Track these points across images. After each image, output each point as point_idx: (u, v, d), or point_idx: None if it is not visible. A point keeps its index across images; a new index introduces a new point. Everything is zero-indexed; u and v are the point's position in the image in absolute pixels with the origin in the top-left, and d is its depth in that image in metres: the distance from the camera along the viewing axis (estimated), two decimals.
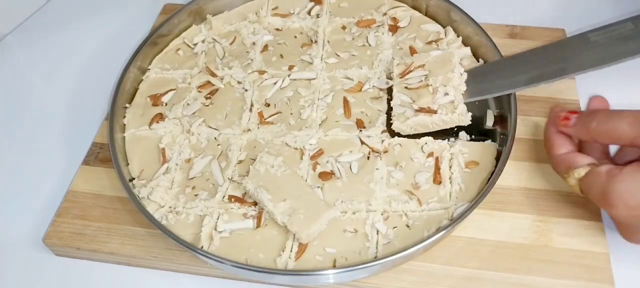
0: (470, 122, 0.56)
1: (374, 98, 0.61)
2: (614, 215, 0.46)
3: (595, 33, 0.58)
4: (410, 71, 0.59)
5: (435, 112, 0.55)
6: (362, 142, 0.57)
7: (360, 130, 0.58)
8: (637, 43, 0.55)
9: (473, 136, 0.58)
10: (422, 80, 0.58)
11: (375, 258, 0.49)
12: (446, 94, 0.56)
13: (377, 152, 0.56)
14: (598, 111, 0.48)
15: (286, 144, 0.58)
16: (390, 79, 0.61)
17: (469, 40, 0.65)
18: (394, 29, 0.67)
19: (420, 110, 0.56)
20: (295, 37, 0.68)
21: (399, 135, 0.57)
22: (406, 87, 0.58)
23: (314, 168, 0.56)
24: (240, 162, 0.57)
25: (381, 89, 0.61)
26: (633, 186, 0.44)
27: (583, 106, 0.61)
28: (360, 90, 0.62)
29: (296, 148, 0.57)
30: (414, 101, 0.57)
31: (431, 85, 0.57)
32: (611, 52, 0.55)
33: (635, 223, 0.46)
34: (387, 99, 0.61)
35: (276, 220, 0.51)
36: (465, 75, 0.59)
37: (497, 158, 0.55)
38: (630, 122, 0.45)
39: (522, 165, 0.56)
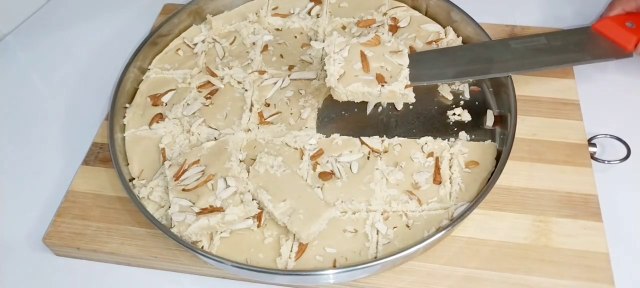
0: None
1: (394, 52, 0.57)
2: None
3: (516, 41, 0.62)
4: (185, 170, 0.53)
5: (221, 209, 0.50)
6: (362, 142, 0.57)
7: (382, 86, 0.55)
8: (548, 55, 0.61)
9: (473, 136, 0.58)
10: (199, 178, 0.52)
11: (375, 258, 0.49)
12: (228, 185, 0.51)
13: (377, 152, 0.56)
14: None
15: (286, 144, 0.58)
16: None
17: (469, 40, 0.65)
18: (394, 29, 0.67)
19: (202, 211, 0.50)
20: (295, 37, 0.68)
21: (398, 135, 0.58)
22: (183, 189, 0.52)
23: (314, 169, 0.55)
24: (240, 162, 0.57)
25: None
26: None
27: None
28: (379, 43, 0.57)
29: (296, 149, 0.57)
30: (193, 203, 0.51)
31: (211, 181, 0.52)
32: (528, 61, 0.60)
33: None
34: (407, 53, 0.57)
35: (276, 220, 0.51)
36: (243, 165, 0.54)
37: (497, 158, 0.55)
38: None
39: (522, 165, 0.56)
